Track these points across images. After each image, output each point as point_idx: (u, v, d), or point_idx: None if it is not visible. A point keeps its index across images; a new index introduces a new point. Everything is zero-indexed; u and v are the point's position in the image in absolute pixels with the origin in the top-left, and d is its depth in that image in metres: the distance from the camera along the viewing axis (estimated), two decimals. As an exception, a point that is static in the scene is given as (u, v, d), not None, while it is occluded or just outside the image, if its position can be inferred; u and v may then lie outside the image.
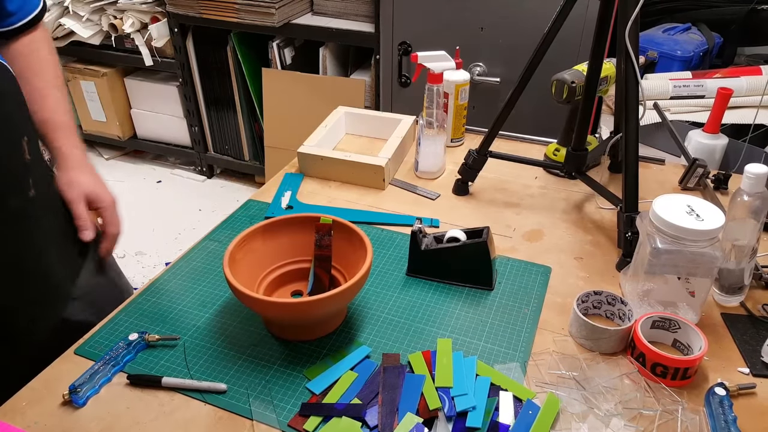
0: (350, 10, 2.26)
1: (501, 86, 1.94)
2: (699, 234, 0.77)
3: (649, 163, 1.26)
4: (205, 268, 0.96)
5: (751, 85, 1.57)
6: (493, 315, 0.87)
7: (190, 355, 0.80)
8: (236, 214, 1.11)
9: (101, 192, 0.93)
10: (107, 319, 0.86)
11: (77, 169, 0.92)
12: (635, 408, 0.72)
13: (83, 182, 0.92)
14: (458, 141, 1.35)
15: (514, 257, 0.99)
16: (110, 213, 0.94)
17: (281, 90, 2.44)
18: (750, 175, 0.80)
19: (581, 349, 0.81)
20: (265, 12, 2.22)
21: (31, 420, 0.71)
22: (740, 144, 1.37)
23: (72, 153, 0.92)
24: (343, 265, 0.88)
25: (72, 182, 0.91)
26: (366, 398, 0.73)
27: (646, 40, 1.81)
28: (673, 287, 0.83)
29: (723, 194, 1.15)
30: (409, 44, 2.04)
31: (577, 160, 1.12)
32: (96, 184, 0.94)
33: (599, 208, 1.12)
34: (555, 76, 1.13)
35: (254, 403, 0.73)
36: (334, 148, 1.34)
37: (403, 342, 0.82)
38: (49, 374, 0.77)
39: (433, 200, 1.16)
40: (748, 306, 0.88)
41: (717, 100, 1.29)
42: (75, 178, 0.91)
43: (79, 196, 0.91)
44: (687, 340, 0.79)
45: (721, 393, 0.73)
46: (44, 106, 0.90)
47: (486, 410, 0.71)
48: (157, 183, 2.93)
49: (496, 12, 1.87)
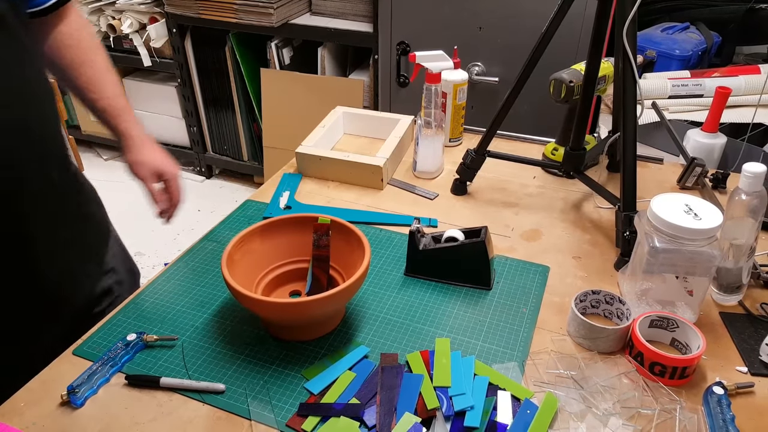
0: (348, 10, 2.26)
1: (499, 86, 1.95)
2: (697, 233, 0.77)
3: (647, 163, 1.26)
4: (204, 269, 0.96)
5: (749, 84, 1.57)
6: (491, 315, 0.87)
7: (189, 355, 0.80)
8: (234, 214, 1.11)
9: (167, 166, 0.99)
10: (105, 320, 0.86)
11: (143, 149, 0.97)
12: (633, 407, 0.72)
13: (151, 160, 0.97)
14: (456, 141, 1.35)
15: (513, 257, 0.99)
16: (175, 183, 1.00)
17: (280, 90, 2.44)
18: (748, 174, 0.80)
19: (579, 349, 0.81)
20: (264, 12, 2.22)
21: (29, 420, 0.71)
22: (739, 143, 1.37)
23: (137, 134, 0.96)
24: (342, 265, 0.88)
25: (141, 162, 0.96)
26: (364, 398, 0.73)
27: (644, 40, 1.81)
28: (671, 286, 0.83)
29: (721, 193, 1.15)
30: (408, 44, 2.04)
31: (575, 159, 1.12)
32: (161, 158, 0.98)
33: (597, 207, 1.13)
34: (553, 76, 1.13)
35: (252, 403, 0.73)
36: (332, 148, 1.34)
37: (401, 342, 0.82)
38: (47, 375, 0.77)
39: (432, 200, 1.16)
40: (747, 305, 0.88)
41: (715, 99, 1.28)
42: (143, 158, 0.96)
43: (150, 174, 0.97)
44: (685, 339, 0.79)
45: (720, 392, 0.73)
46: (102, 94, 0.93)
47: (484, 410, 0.71)
48: (156, 183, 2.93)
49: (495, 12, 1.87)
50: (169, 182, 0.99)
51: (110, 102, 0.94)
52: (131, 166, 0.97)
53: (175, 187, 1.00)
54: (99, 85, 0.93)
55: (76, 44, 0.92)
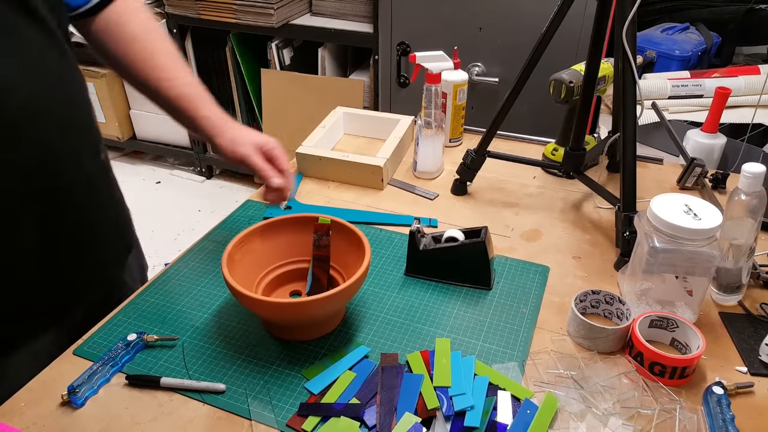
0: (349, 11, 2.27)
1: (499, 86, 1.95)
2: (696, 233, 0.77)
3: (647, 163, 1.27)
4: (204, 269, 0.97)
5: (749, 85, 1.57)
6: (491, 315, 0.87)
7: (189, 355, 0.80)
8: (235, 214, 1.11)
9: (263, 138, 0.91)
10: (106, 320, 0.86)
11: (233, 128, 0.90)
12: (633, 407, 0.72)
13: (246, 136, 0.90)
14: (456, 141, 1.36)
15: (513, 257, 0.99)
16: (279, 152, 0.91)
17: (280, 90, 2.44)
18: (747, 174, 0.80)
19: (579, 349, 0.81)
20: (264, 13, 2.22)
21: (29, 420, 0.71)
22: (738, 143, 1.38)
23: (221, 116, 0.90)
24: (342, 265, 0.88)
25: (237, 140, 0.89)
26: (364, 398, 0.73)
27: (644, 40, 1.81)
28: (670, 286, 0.83)
29: (721, 193, 1.15)
30: (408, 44, 2.04)
31: (575, 159, 1.12)
32: (253, 133, 0.92)
33: (597, 207, 1.13)
34: (553, 76, 1.13)
35: (253, 403, 0.73)
36: (332, 148, 1.34)
37: (401, 342, 0.82)
38: (47, 375, 0.77)
39: (432, 200, 1.16)
40: (746, 305, 0.88)
41: (715, 99, 1.29)
42: (238, 136, 0.89)
43: (253, 149, 0.89)
44: (685, 339, 0.79)
45: (719, 392, 0.73)
46: (175, 81, 0.88)
47: (484, 410, 0.71)
48: (157, 184, 2.93)
49: (495, 12, 1.87)
50: (273, 151, 0.91)
51: (186, 89, 0.89)
52: (230, 146, 0.89)
53: (281, 155, 0.91)
54: (171, 72, 0.88)
55: (145, 34, 0.88)
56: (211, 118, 0.89)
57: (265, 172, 0.88)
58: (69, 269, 0.85)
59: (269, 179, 0.88)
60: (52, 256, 0.81)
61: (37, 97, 0.73)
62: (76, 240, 0.84)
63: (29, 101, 0.72)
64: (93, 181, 0.86)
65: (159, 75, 0.87)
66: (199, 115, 0.89)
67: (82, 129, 0.83)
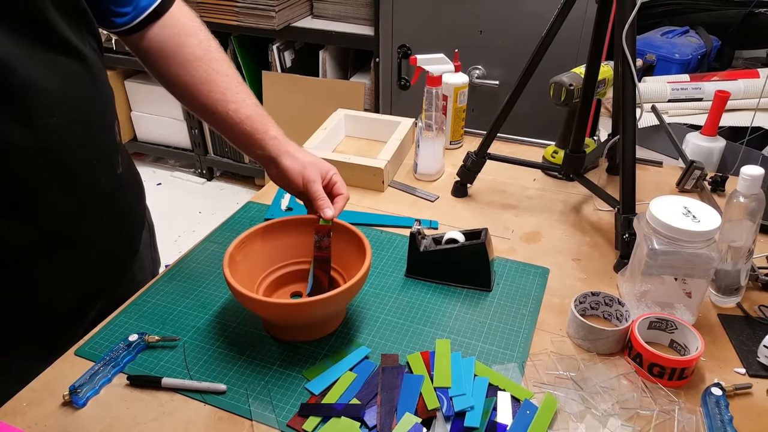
0: (350, 14, 2.27)
1: (500, 89, 1.95)
2: (695, 235, 0.77)
3: (646, 166, 1.27)
4: (205, 270, 0.97)
5: (748, 88, 1.57)
6: (491, 316, 0.87)
7: (190, 355, 0.81)
8: (236, 216, 1.12)
9: (327, 165, 0.90)
10: (107, 320, 0.86)
11: (298, 150, 0.89)
12: (632, 408, 0.72)
13: (313, 161, 0.88)
14: (457, 143, 1.36)
15: (513, 258, 1.00)
16: (339, 178, 0.90)
17: (281, 93, 2.45)
18: (746, 177, 0.81)
19: (579, 350, 0.82)
20: (265, 15, 2.23)
21: (31, 421, 0.71)
22: (738, 146, 1.38)
23: (287, 139, 0.89)
24: (343, 266, 0.88)
25: (309, 164, 0.87)
26: (365, 398, 0.73)
27: (644, 43, 1.81)
28: (670, 288, 0.83)
29: (720, 196, 1.15)
30: (409, 47, 2.04)
31: (575, 162, 1.13)
32: (316, 158, 0.90)
33: (597, 209, 1.13)
34: (553, 79, 1.14)
35: (254, 404, 0.74)
36: (333, 150, 1.34)
37: (401, 343, 0.83)
38: (49, 375, 0.78)
39: (432, 202, 1.16)
40: (745, 307, 0.88)
41: (714, 102, 1.29)
42: (308, 160, 0.88)
43: (318, 175, 0.87)
44: (684, 340, 0.79)
45: (718, 393, 0.73)
46: (242, 104, 0.86)
47: (484, 410, 0.71)
48: (157, 185, 2.93)
49: (495, 15, 1.87)
50: (336, 176, 0.89)
51: (253, 110, 0.87)
52: (297, 169, 0.86)
53: (341, 182, 0.89)
54: (237, 94, 0.86)
55: (207, 55, 0.86)
56: (278, 138, 0.88)
57: (321, 201, 0.85)
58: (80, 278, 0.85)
59: (322, 209, 0.85)
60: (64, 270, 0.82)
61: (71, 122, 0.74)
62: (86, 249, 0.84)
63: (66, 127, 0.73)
64: (107, 194, 0.85)
65: (223, 98, 0.85)
66: (269, 135, 0.87)
67: (106, 146, 0.83)
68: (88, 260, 0.85)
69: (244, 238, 0.85)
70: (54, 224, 0.77)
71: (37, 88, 0.69)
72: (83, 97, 0.76)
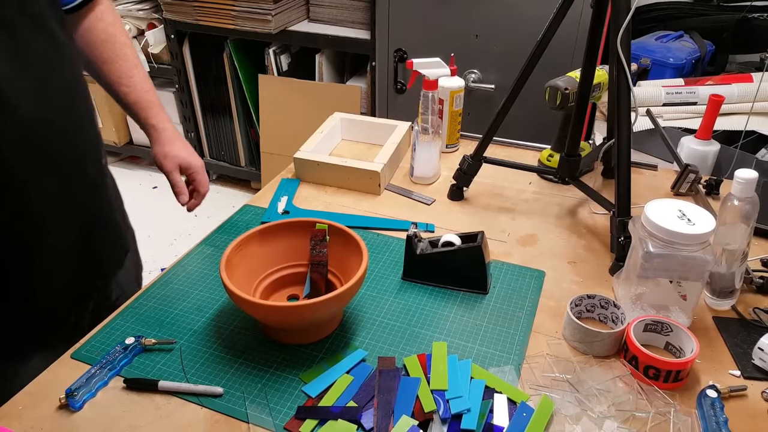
0: (346, 18, 2.28)
1: (495, 93, 1.96)
2: (690, 238, 0.78)
3: (641, 169, 1.28)
4: (202, 273, 0.97)
5: (742, 92, 1.58)
6: (487, 319, 0.88)
7: (187, 359, 0.81)
8: (232, 219, 1.12)
9: (192, 159, 1.03)
10: (103, 324, 0.86)
11: (171, 142, 1.01)
12: (628, 410, 0.73)
13: (177, 154, 1.01)
14: (453, 147, 1.36)
15: (509, 261, 1.00)
16: (200, 176, 1.04)
17: (277, 96, 2.45)
18: (740, 180, 0.81)
19: (575, 352, 0.82)
20: (262, 19, 2.23)
21: (27, 424, 0.71)
22: (732, 150, 1.39)
23: (165, 127, 1.01)
24: (339, 269, 0.88)
25: (168, 155, 1.00)
26: (362, 401, 0.73)
27: (639, 48, 1.82)
28: (665, 291, 0.84)
29: (714, 199, 1.16)
30: (405, 51, 2.05)
31: (570, 165, 1.13)
32: (187, 152, 1.02)
33: (592, 213, 1.14)
34: (548, 83, 1.14)
35: (250, 407, 0.74)
36: (330, 153, 1.34)
37: (398, 345, 0.83)
38: (45, 378, 0.77)
39: (429, 205, 1.16)
40: (740, 309, 0.89)
41: (709, 106, 1.30)
42: (170, 151, 1.01)
43: (175, 167, 1.01)
44: (679, 343, 0.80)
45: (713, 395, 0.73)
46: (133, 88, 0.96)
47: (480, 413, 0.71)
48: (153, 189, 2.93)
49: (491, 19, 1.88)
50: (196, 174, 1.04)
51: (141, 95, 0.97)
52: (159, 158, 1.01)
53: (202, 179, 1.04)
54: (131, 79, 0.96)
55: (112, 39, 0.95)
56: (156, 127, 1.00)
57: (176, 188, 1.02)
58: (74, 274, 0.87)
59: (178, 196, 1.03)
60: (58, 261, 0.82)
61: (40, 101, 0.74)
62: (78, 244, 0.86)
63: (33, 106, 0.74)
64: (95, 186, 0.89)
65: (118, 80, 0.95)
66: (148, 123, 1.00)
67: (84, 134, 0.85)
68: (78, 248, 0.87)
69: (241, 241, 0.85)
70: (41, 212, 0.79)
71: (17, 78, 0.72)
72: (67, 85, 0.80)
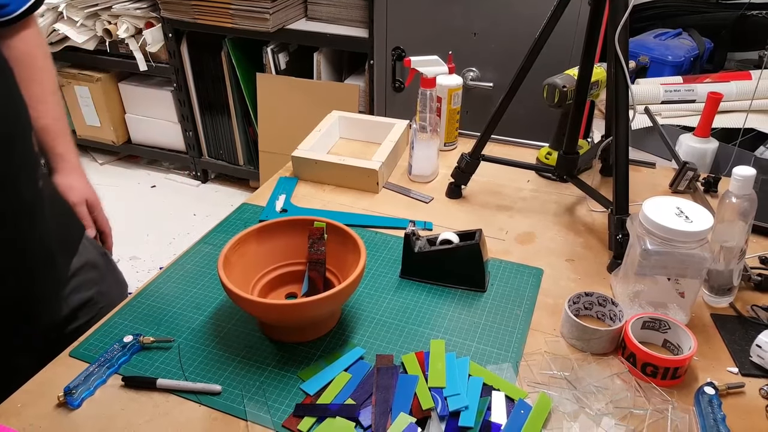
0: (344, 16, 2.28)
1: (493, 91, 1.96)
2: (688, 235, 0.78)
3: (640, 167, 1.28)
4: (200, 271, 0.97)
5: (740, 90, 1.58)
6: (485, 316, 0.88)
7: (185, 356, 0.81)
8: (230, 217, 1.12)
9: (94, 196, 1.03)
10: (102, 322, 0.86)
11: (76, 174, 1.00)
12: (626, 407, 0.73)
13: (83, 187, 1.01)
14: (451, 145, 1.36)
15: (507, 259, 1.00)
16: (102, 214, 1.05)
17: (275, 95, 2.45)
18: (738, 178, 0.81)
19: (573, 350, 0.82)
20: (260, 17, 2.23)
21: (26, 422, 0.71)
22: (730, 148, 1.39)
23: (72, 159, 0.99)
24: (337, 267, 0.88)
25: (74, 187, 0.99)
26: (360, 399, 0.73)
27: (637, 45, 1.82)
28: (663, 288, 0.84)
29: (713, 197, 1.16)
30: (403, 49, 2.05)
31: (568, 163, 1.13)
32: (90, 187, 1.02)
33: (590, 210, 1.14)
34: (546, 81, 1.14)
35: (249, 404, 0.74)
36: (328, 152, 1.34)
37: (396, 343, 0.83)
38: (44, 376, 0.78)
39: (427, 203, 1.16)
40: (737, 307, 0.89)
41: (707, 104, 1.30)
42: (76, 183, 1.00)
43: (81, 199, 1.00)
44: (677, 340, 0.80)
45: (711, 392, 0.74)
46: (44, 113, 0.94)
47: (478, 410, 0.71)
48: (152, 188, 2.93)
49: (489, 18, 1.88)
50: (95, 211, 1.03)
51: (51, 122, 0.96)
52: (64, 189, 0.98)
53: (103, 217, 1.05)
54: (43, 105, 0.95)
55: (30, 61, 0.94)
56: (63, 156, 0.98)
57: (86, 221, 1.01)
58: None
59: (87, 229, 1.01)
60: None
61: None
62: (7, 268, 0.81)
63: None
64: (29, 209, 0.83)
65: (31, 103, 0.90)
66: (55, 151, 0.97)
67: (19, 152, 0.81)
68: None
69: (239, 239, 0.85)
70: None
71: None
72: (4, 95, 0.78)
